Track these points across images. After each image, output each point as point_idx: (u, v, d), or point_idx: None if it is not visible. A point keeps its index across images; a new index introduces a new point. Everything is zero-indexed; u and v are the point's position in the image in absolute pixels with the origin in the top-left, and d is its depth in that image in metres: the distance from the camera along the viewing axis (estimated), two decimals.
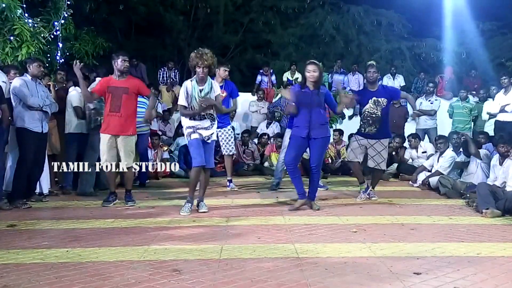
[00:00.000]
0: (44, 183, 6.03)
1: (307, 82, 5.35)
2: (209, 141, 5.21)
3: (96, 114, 6.22)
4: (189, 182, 5.24)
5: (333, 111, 5.78)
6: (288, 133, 6.78)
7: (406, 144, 8.75)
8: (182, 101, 5.16)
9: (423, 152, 7.98)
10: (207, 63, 5.00)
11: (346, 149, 8.43)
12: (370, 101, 5.92)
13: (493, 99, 8.31)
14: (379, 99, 5.90)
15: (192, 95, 5.07)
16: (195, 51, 5.07)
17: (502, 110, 7.44)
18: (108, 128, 5.49)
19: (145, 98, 6.54)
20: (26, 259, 3.48)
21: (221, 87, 6.43)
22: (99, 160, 5.75)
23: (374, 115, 5.92)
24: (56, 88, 6.75)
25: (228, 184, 6.93)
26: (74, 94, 6.37)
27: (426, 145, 8.19)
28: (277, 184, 6.88)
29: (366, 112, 5.96)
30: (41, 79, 5.93)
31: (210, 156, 5.30)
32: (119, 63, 5.49)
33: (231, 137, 6.81)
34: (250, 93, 11.05)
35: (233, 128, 7.57)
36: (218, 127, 6.43)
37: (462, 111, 9.16)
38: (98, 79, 6.36)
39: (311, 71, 5.29)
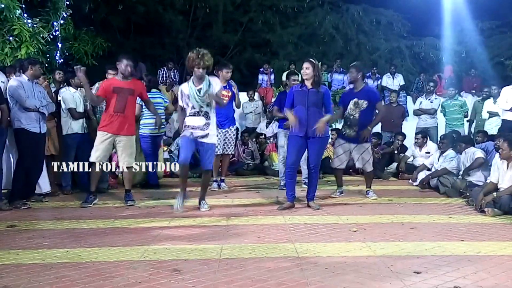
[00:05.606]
0: (41, 183, 6.00)
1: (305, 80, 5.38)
2: (203, 140, 5.19)
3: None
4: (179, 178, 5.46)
5: (326, 112, 5.45)
6: (280, 133, 6.82)
7: (405, 142, 8.79)
8: (180, 102, 5.31)
9: (426, 153, 7.95)
10: (207, 64, 5.07)
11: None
12: (351, 102, 5.99)
13: (494, 98, 8.26)
14: (359, 101, 5.95)
15: (190, 95, 5.11)
16: (195, 51, 5.09)
17: None
18: (110, 127, 5.49)
19: (160, 97, 6.94)
20: (26, 259, 3.47)
21: (224, 87, 6.45)
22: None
23: (352, 117, 5.99)
24: (54, 88, 6.77)
25: (219, 183, 6.92)
26: (67, 95, 6.34)
27: (430, 145, 8.15)
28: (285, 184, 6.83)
29: (347, 113, 6.05)
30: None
31: (208, 158, 5.29)
32: (122, 67, 5.53)
33: (235, 137, 6.86)
34: (245, 94, 10.95)
35: (237, 129, 7.59)
36: (223, 127, 6.49)
37: (452, 109, 9.16)
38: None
39: (304, 68, 5.34)
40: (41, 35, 8.36)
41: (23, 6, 8.19)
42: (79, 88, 6.55)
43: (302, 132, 5.31)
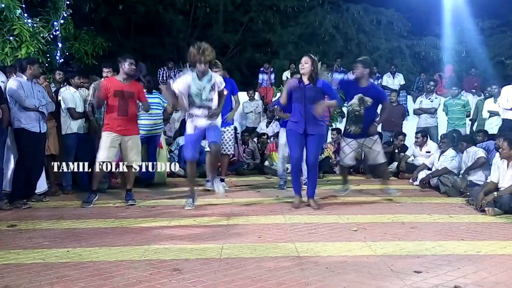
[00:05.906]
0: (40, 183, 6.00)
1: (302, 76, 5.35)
2: (210, 125, 5.22)
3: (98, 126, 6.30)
4: (187, 177, 5.43)
5: (333, 99, 5.46)
6: (282, 132, 6.81)
7: (405, 141, 8.79)
8: (177, 85, 5.16)
9: (427, 152, 7.95)
10: (208, 58, 5.05)
11: (337, 151, 8.14)
12: (356, 96, 5.80)
13: (495, 98, 8.25)
14: (365, 97, 5.77)
15: (192, 89, 5.09)
16: (195, 46, 5.06)
17: None
18: (115, 128, 5.50)
19: (158, 98, 6.97)
20: (26, 259, 3.48)
21: None
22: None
23: (356, 113, 5.81)
24: (54, 88, 6.75)
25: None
26: (67, 95, 6.34)
27: (430, 144, 8.15)
28: (285, 183, 6.81)
29: (351, 109, 5.86)
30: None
31: (213, 133, 5.27)
32: (127, 66, 5.53)
33: (232, 137, 6.83)
34: (245, 93, 10.92)
35: (235, 128, 7.57)
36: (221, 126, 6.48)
37: (455, 108, 9.15)
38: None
39: (302, 63, 5.29)
40: (41, 35, 8.36)
41: (23, 5, 8.19)
42: (79, 88, 6.55)
43: (301, 129, 5.30)
